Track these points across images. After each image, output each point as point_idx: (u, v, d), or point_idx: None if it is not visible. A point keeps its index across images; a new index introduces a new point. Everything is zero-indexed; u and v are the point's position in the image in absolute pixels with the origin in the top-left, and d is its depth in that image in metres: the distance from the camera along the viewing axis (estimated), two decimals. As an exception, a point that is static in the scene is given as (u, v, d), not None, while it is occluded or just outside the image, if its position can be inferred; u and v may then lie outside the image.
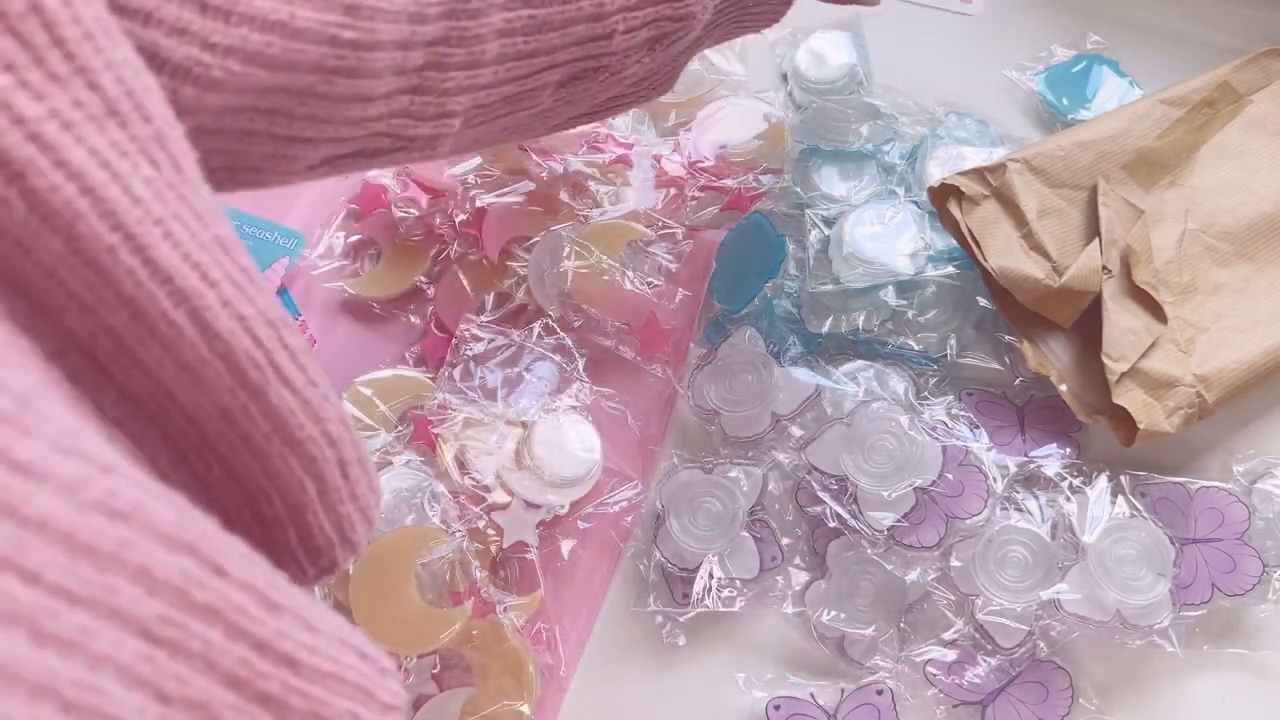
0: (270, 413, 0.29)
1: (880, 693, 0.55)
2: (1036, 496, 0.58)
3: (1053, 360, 0.60)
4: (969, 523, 0.57)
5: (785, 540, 0.59)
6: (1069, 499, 0.58)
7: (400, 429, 0.62)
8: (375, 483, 0.35)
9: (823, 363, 0.62)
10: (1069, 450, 0.60)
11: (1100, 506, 0.57)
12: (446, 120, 0.42)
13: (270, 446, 0.30)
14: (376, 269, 0.69)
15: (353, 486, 0.33)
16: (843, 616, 0.56)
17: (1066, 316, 0.60)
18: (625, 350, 0.65)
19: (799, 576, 0.58)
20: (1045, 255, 0.60)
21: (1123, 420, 0.57)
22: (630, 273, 0.65)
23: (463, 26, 0.40)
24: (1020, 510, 0.58)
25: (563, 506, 0.59)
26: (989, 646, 0.55)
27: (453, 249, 0.67)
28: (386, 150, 0.42)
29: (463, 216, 0.67)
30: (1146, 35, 0.74)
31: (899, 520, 0.56)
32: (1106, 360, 0.57)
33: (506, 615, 0.56)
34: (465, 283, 0.66)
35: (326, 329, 0.68)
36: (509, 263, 0.66)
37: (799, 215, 0.66)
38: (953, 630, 0.56)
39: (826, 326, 0.63)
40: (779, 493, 0.60)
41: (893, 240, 0.62)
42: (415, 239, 0.68)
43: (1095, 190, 0.61)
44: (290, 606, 0.27)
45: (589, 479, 0.59)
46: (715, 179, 0.68)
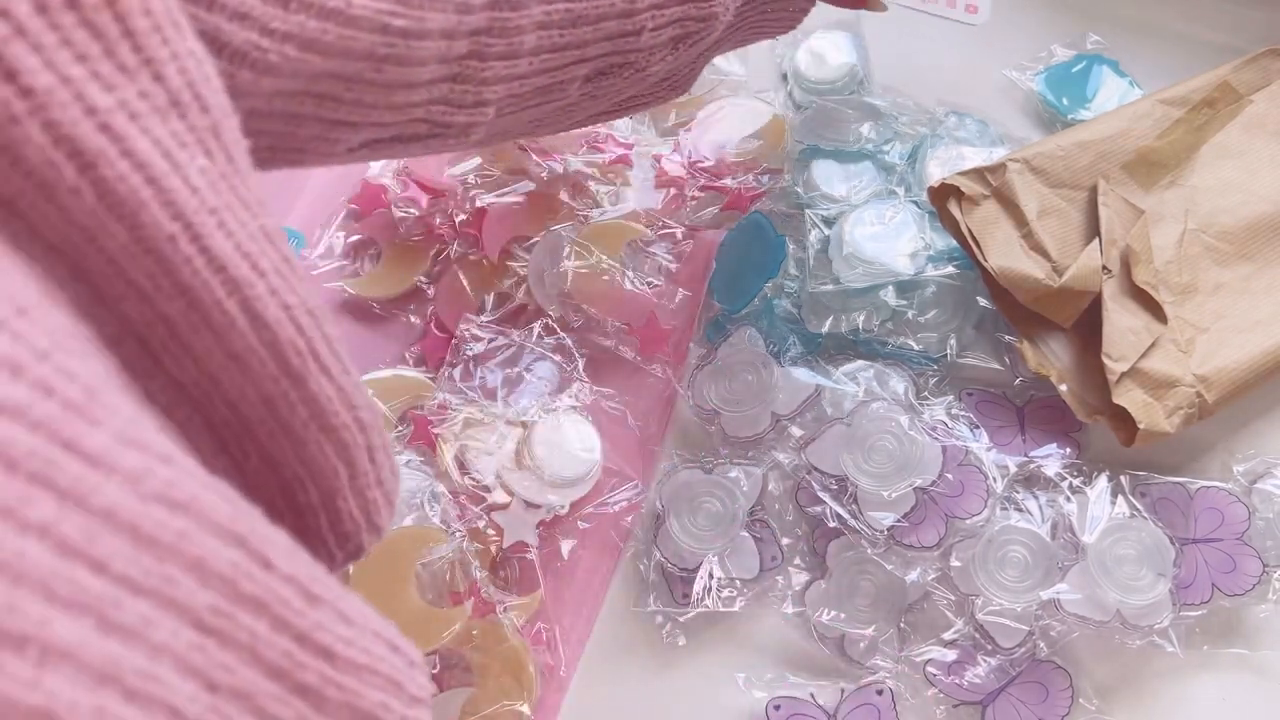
0: (309, 400, 0.30)
1: (880, 693, 0.55)
2: (1036, 496, 0.58)
3: (1053, 360, 0.60)
4: (969, 523, 0.57)
5: (785, 540, 0.59)
6: (1069, 499, 0.58)
7: (400, 429, 0.62)
8: (397, 468, 0.35)
9: (823, 363, 0.62)
10: (1069, 450, 0.60)
11: (1100, 506, 0.57)
12: (482, 108, 0.43)
13: (307, 433, 0.30)
14: (376, 269, 0.69)
15: (379, 471, 0.34)
16: (843, 616, 0.56)
17: (1066, 316, 0.60)
18: (625, 350, 0.65)
19: (799, 576, 0.58)
20: (1045, 255, 0.60)
21: (1123, 420, 0.57)
22: (630, 273, 0.65)
23: (504, 17, 0.41)
24: (1020, 510, 0.57)
25: (563, 506, 0.59)
26: (989, 646, 0.55)
27: (453, 249, 0.67)
28: (424, 136, 0.43)
29: (463, 216, 0.67)
30: (1146, 35, 0.74)
31: (899, 520, 0.56)
32: (1106, 360, 0.57)
33: (506, 615, 0.56)
34: (465, 283, 0.66)
35: (326, 329, 0.68)
36: (509, 263, 0.66)
37: (799, 215, 0.66)
38: (953, 630, 0.56)
39: (826, 326, 0.63)
40: (779, 493, 0.60)
41: (893, 240, 0.62)
42: (415, 239, 0.68)
43: (1095, 190, 0.61)
44: (328, 599, 0.27)
45: (589, 479, 0.59)
46: (715, 179, 0.68)
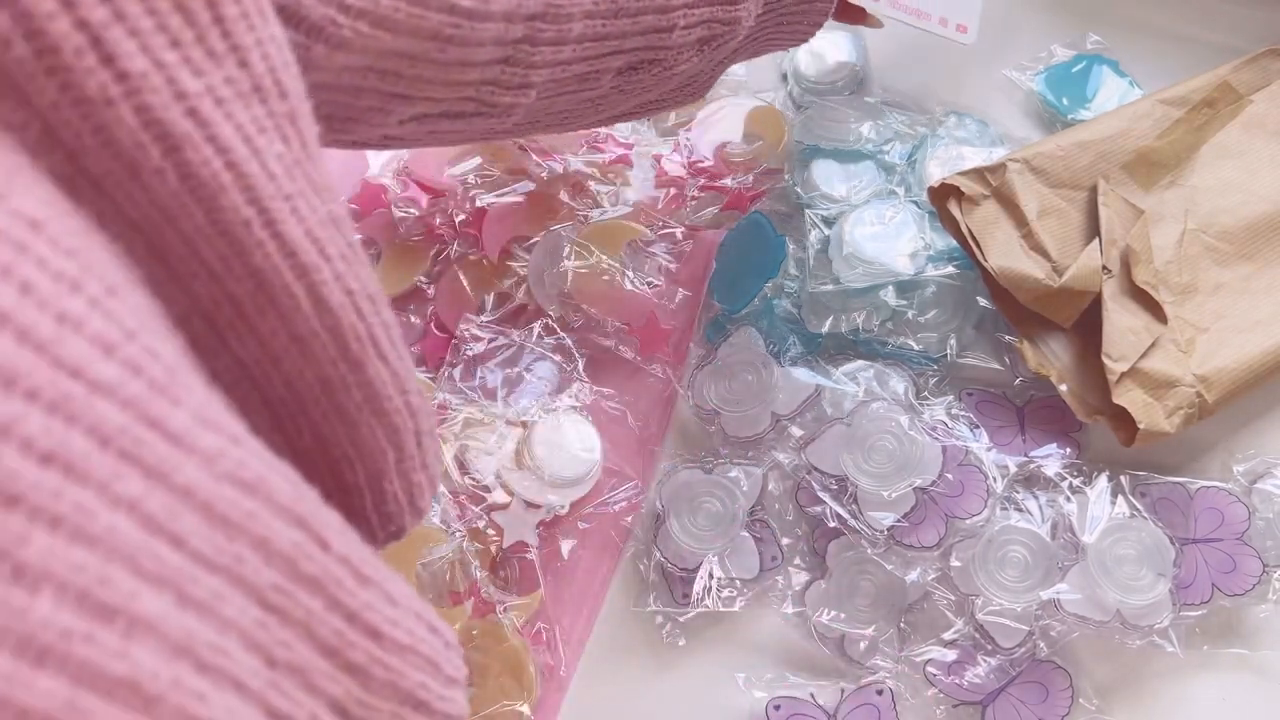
0: (365, 384, 0.31)
1: (880, 693, 0.55)
2: (1036, 496, 0.58)
3: (1053, 360, 0.60)
4: (969, 523, 0.57)
5: (785, 540, 0.59)
6: (1069, 499, 0.58)
7: (400, 429, 0.62)
8: (440, 453, 0.36)
9: (823, 363, 0.62)
10: (1069, 450, 0.60)
11: (1100, 506, 0.57)
12: (526, 91, 0.45)
13: (360, 415, 0.31)
14: (376, 269, 0.69)
15: (425, 455, 0.34)
16: (843, 616, 0.56)
17: (1066, 316, 0.60)
18: (625, 350, 0.65)
19: (799, 576, 0.58)
20: (1045, 255, 0.60)
21: (1123, 420, 0.57)
22: (630, 273, 0.65)
23: (558, 4, 0.43)
24: (1020, 510, 0.57)
25: (563, 506, 0.59)
26: (989, 646, 0.55)
27: (453, 249, 0.67)
28: (469, 114, 0.45)
29: (463, 216, 0.67)
30: (1146, 35, 0.74)
31: (899, 520, 0.56)
32: (1106, 360, 0.57)
33: (506, 615, 0.56)
34: (465, 283, 0.66)
35: (326, 329, 0.68)
36: (509, 263, 0.66)
37: (799, 215, 0.66)
38: (953, 630, 0.56)
39: (826, 326, 0.63)
40: (779, 493, 0.60)
41: (893, 240, 0.62)
42: (415, 239, 0.68)
43: (1095, 190, 0.61)
44: (377, 580, 0.28)
45: (589, 479, 0.59)
46: (715, 179, 0.68)
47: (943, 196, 0.61)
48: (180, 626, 0.21)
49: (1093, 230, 0.60)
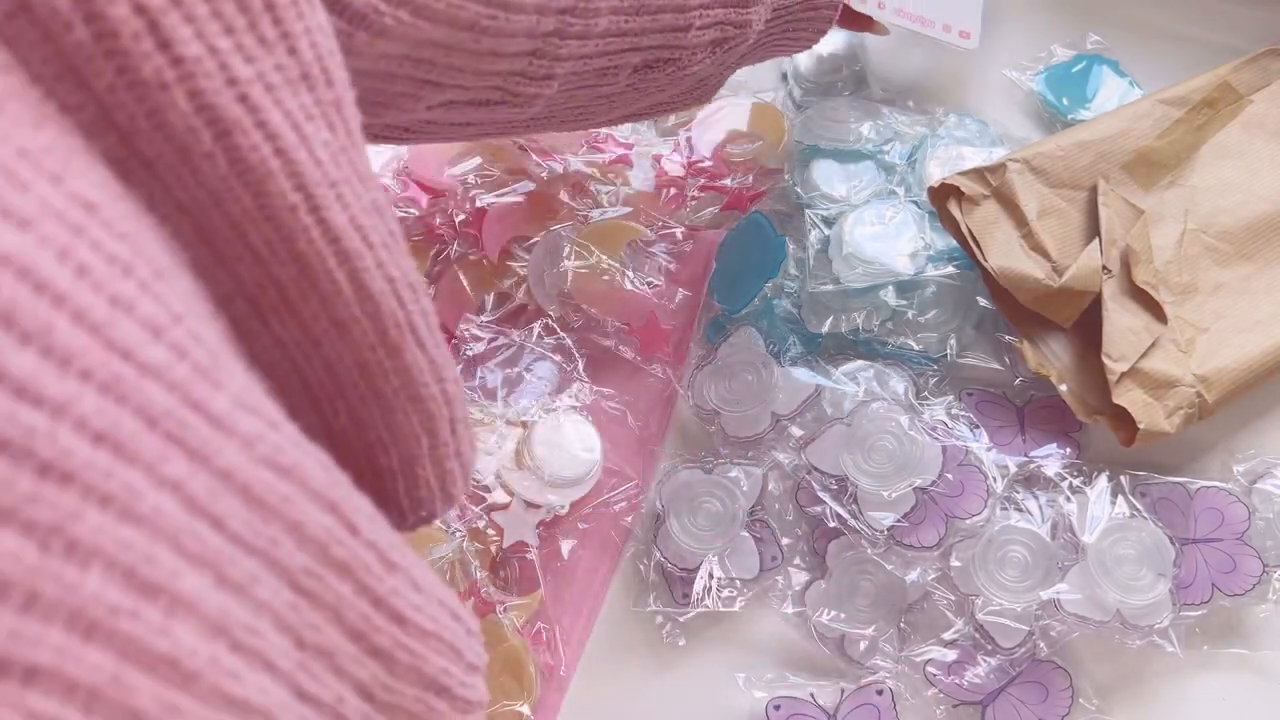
0: (402, 370, 0.31)
1: (880, 693, 0.55)
2: (1036, 496, 0.58)
3: (1053, 360, 0.60)
4: (969, 523, 0.57)
5: (785, 540, 0.59)
6: (1069, 499, 0.58)
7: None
8: (474, 442, 0.36)
9: (823, 363, 0.62)
10: (1069, 450, 0.60)
11: (1100, 506, 0.57)
12: (549, 83, 0.46)
13: (396, 401, 0.31)
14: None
15: (458, 443, 0.35)
16: (843, 616, 0.56)
17: (1066, 316, 0.60)
18: (625, 350, 0.65)
19: (799, 576, 0.58)
20: (1045, 255, 0.60)
21: (1123, 420, 0.57)
22: (630, 273, 0.65)
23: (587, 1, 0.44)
24: (1020, 510, 0.57)
25: (563, 506, 0.59)
26: (989, 646, 0.55)
27: (453, 249, 0.67)
28: (494, 102, 0.45)
29: (463, 216, 0.67)
30: (1146, 35, 0.74)
31: (899, 520, 0.56)
32: (1106, 360, 0.57)
33: (506, 615, 0.56)
34: (465, 283, 0.66)
35: (326, 329, 0.68)
36: (509, 263, 0.66)
37: (799, 215, 0.66)
38: (953, 630, 0.56)
39: (826, 326, 0.63)
40: (779, 493, 0.60)
41: (893, 240, 0.62)
42: (415, 239, 0.68)
43: (1095, 190, 0.61)
44: (403, 566, 0.29)
45: (589, 479, 0.59)
46: (715, 179, 0.68)
47: (943, 196, 0.61)
48: (218, 606, 0.21)
49: (1093, 230, 0.60)
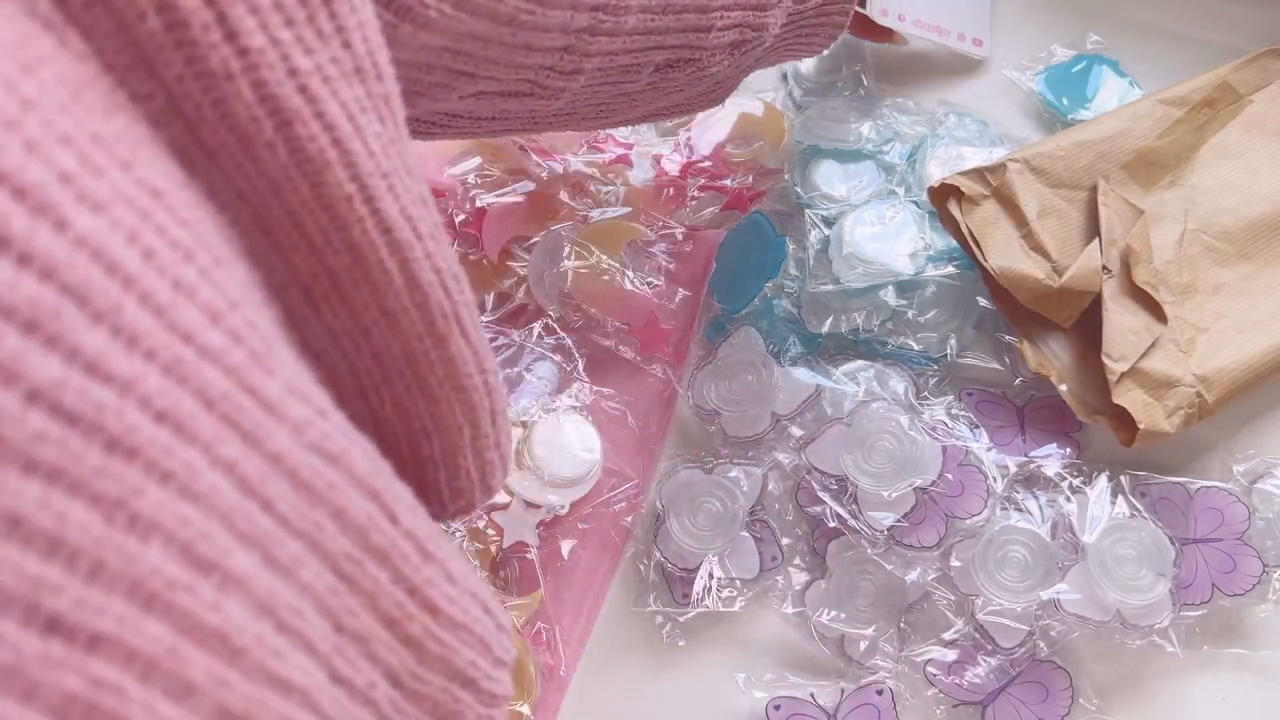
0: (447, 360, 0.31)
1: (880, 693, 0.55)
2: (1036, 496, 0.58)
3: (1053, 360, 0.60)
4: (969, 523, 0.57)
5: (785, 540, 0.59)
6: (1069, 499, 0.58)
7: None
8: (512, 435, 0.37)
9: (823, 363, 0.62)
10: (1069, 450, 0.60)
11: (1100, 506, 0.57)
12: (576, 77, 0.46)
13: (440, 391, 0.32)
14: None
15: (498, 435, 0.35)
16: (843, 616, 0.56)
17: (1066, 316, 0.60)
18: (625, 350, 0.65)
19: (799, 576, 0.58)
20: (1045, 255, 0.60)
21: (1123, 420, 0.57)
22: (630, 273, 0.65)
23: None
24: (1020, 510, 0.57)
25: (563, 506, 0.59)
26: (989, 646, 0.55)
27: (453, 249, 0.67)
28: (523, 94, 0.46)
29: (463, 216, 0.67)
30: (1146, 35, 0.74)
31: (899, 520, 0.56)
32: (1106, 360, 0.57)
33: (506, 615, 0.56)
34: (465, 283, 0.66)
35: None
36: (509, 263, 0.66)
37: (799, 215, 0.66)
38: (953, 630, 0.56)
39: (826, 326, 0.63)
40: (779, 493, 0.60)
41: (893, 240, 0.62)
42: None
43: (1095, 190, 0.61)
44: (439, 557, 0.29)
45: (589, 479, 0.59)
46: (715, 179, 0.68)
47: (943, 196, 0.61)
48: (265, 586, 0.22)
49: (1093, 230, 0.60)
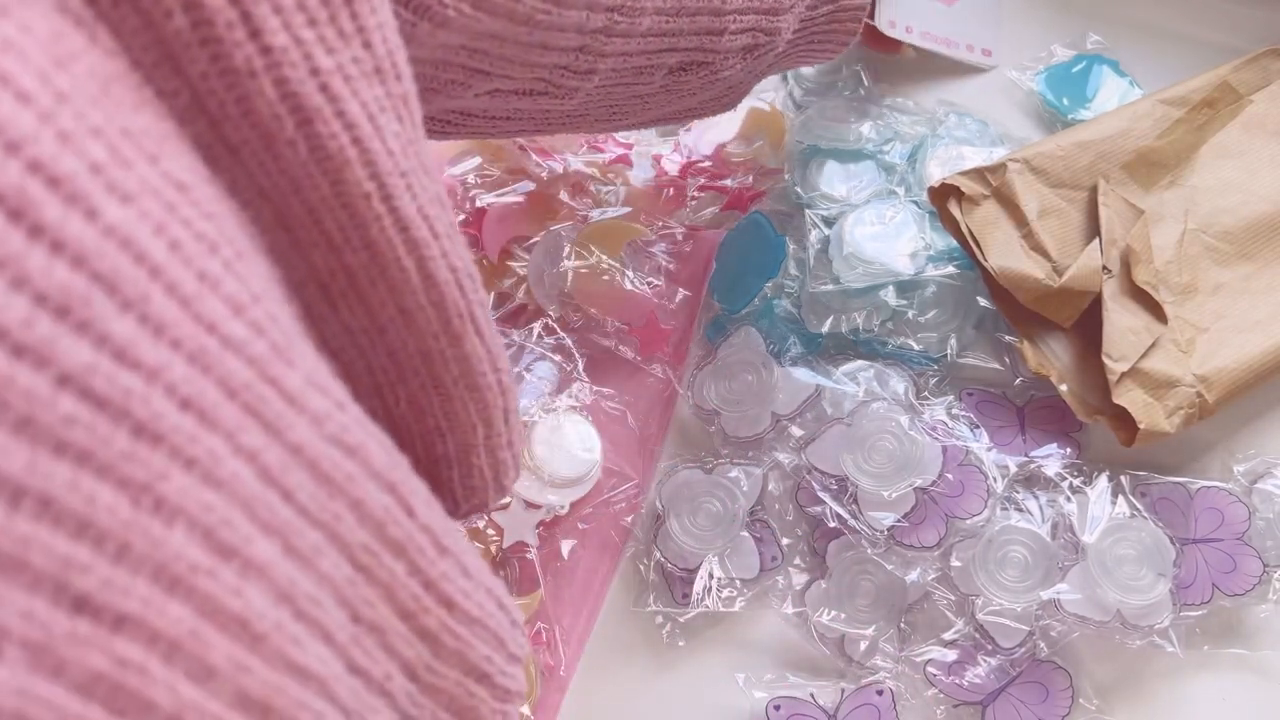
0: (462, 358, 0.32)
1: (880, 693, 0.55)
2: (1036, 496, 0.58)
3: (1053, 360, 0.60)
4: (969, 523, 0.57)
5: (785, 540, 0.59)
6: (1069, 499, 0.58)
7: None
8: (524, 435, 0.37)
9: (823, 363, 0.62)
10: (1069, 450, 0.60)
11: (1100, 506, 0.57)
12: (591, 77, 0.46)
13: (455, 389, 0.32)
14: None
15: (511, 433, 0.35)
16: (843, 616, 0.56)
17: (1066, 316, 0.60)
18: (625, 350, 0.65)
19: (799, 576, 0.58)
20: (1045, 255, 0.60)
21: (1123, 420, 0.57)
22: (630, 273, 0.65)
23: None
24: (1020, 510, 0.57)
25: (563, 506, 0.59)
26: (989, 646, 0.55)
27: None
28: (537, 93, 0.46)
29: (462, 216, 0.67)
30: (1146, 35, 0.74)
31: (899, 520, 0.56)
32: (1107, 360, 0.57)
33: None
34: (465, 283, 0.66)
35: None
36: (509, 263, 0.66)
37: (799, 215, 0.66)
38: (953, 630, 0.56)
39: (826, 326, 0.63)
40: (779, 493, 0.60)
41: (893, 240, 0.62)
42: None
43: (1095, 190, 0.61)
44: (455, 552, 0.30)
45: (589, 479, 0.59)
46: (715, 179, 0.68)
47: (943, 196, 0.61)
48: (285, 574, 0.22)
49: (1093, 230, 0.60)
